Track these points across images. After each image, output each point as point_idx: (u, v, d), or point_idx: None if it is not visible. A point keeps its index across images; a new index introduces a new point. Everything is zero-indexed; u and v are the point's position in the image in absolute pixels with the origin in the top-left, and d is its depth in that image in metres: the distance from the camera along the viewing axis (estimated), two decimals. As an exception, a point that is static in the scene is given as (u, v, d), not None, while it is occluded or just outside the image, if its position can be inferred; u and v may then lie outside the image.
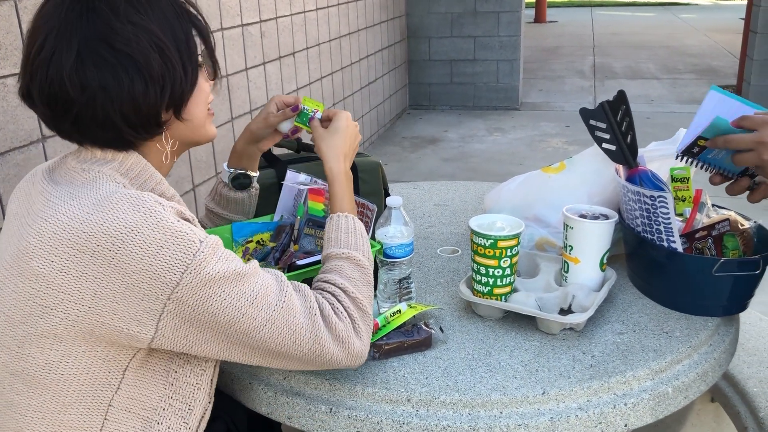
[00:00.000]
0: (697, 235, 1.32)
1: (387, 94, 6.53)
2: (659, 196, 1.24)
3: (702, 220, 1.36)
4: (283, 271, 1.25)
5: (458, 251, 1.61)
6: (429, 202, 1.96)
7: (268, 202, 1.46)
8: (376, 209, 1.26)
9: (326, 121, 1.31)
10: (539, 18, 15.70)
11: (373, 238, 1.28)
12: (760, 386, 1.63)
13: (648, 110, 6.97)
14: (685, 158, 1.28)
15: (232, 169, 1.41)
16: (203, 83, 1.08)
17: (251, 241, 1.37)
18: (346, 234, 1.14)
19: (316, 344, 1.00)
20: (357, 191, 1.51)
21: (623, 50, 11.22)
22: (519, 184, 1.63)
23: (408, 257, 1.26)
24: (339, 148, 1.24)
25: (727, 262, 1.22)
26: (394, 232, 1.25)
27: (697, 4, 20.23)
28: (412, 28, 7.08)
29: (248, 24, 3.69)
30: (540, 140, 6.07)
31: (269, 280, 0.99)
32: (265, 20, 3.89)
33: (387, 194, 1.63)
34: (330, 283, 1.07)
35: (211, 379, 1.06)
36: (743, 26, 7.40)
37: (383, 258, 1.26)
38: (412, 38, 7.12)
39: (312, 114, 1.32)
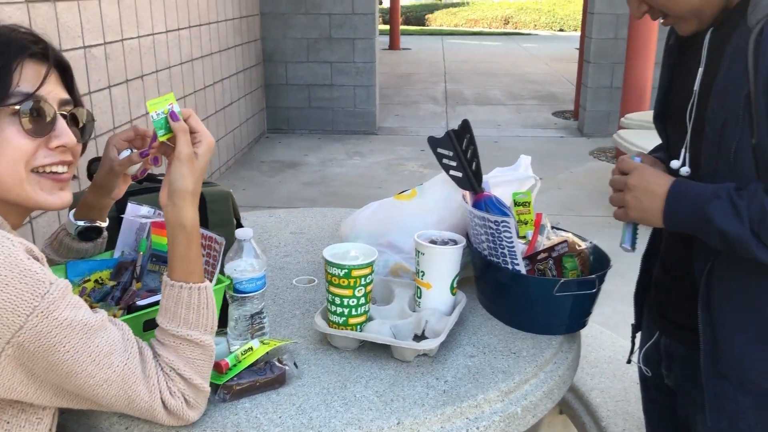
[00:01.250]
0: (538, 257, 1.38)
1: (243, 118, 6.43)
2: (502, 221, 1.29)
3: (543, 242, 1.43)
4: (123, 312, 1.16)
5: (315, 281, 1.58)
6: (285, 230, 1.92)
7: (107, 237, 1.36)
8: (224, 242, 1.21)
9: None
10: (393, 45, 16.18)
11: (222, 272, 1.23)
12: (601, 396, 1.73)
13: (496, 135, 7.35)
14: None
15: (80, 222, 1.28)
16: (11, 135, 0.94)
17: (89, 280, 1.27)
18: (188, 310, 1.02)
19: (148, 412, 0.98)
20: (206, 223, 1.45)
21: (472, 77, 11.80)
22: (373, 212, 1.64)
23: (260, 291, 1.22)
24: (197, 184, 1.03)
25: (567, 282, 1.28)
26: (245, 266, 1.20)
27: (537, 35, 21.76)
28: (268, 52, 7.04)
29: (91, 46, 3.49)
30: (397, 164, 6.22)
31: (115, 337, 0.94)
32: (110, 42, 3.70)
33: (239, 224, 1.58)
34: (166, 363, 1.00)
35: (50, 429, 0.98)
36: (578, 56, 8.04)
37: (233, 294, 1.21)
38: (269, 62, 7.08)
39: (169, 109, 1.03)
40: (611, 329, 2.18)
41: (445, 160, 1.46)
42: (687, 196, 1.10)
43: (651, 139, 1.41)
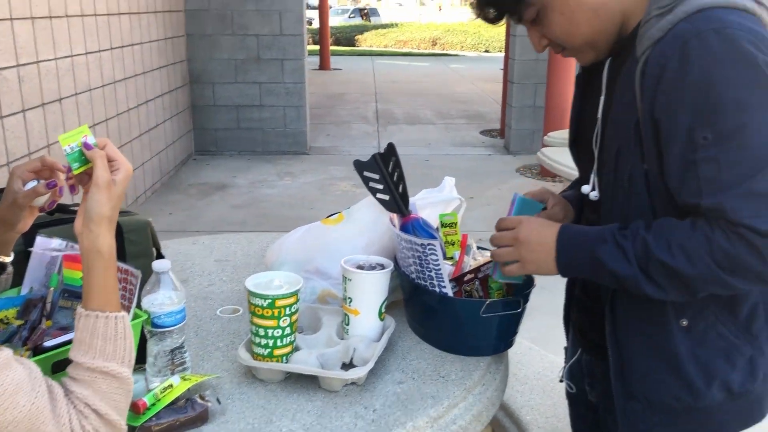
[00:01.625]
0: (465, 278, 1.38)
1: (170, 141, 6.28)
2: (429, 244, 1.28)
3: (469, 262, 1.44)
4: (30, 354, 1.09)
5: (240, 310, 1.54)
6: (209, 258, 1.87)
7: (14, 272, 1.28)
8: (141, 275, 1.16)
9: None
10: (324, 65, 16.20)
11: (139, 306, 1.18)
12: (532, 414, 1.74)
13: (426, 153, 7.43)
14: None
15: None
16: None
17: (-6, 319, 1.19)
18: (104, 341, 0.96)
19: None
20: (123, 254, 1.39)
21: (402, 97, 11.92)
22: (299, 237, 1.61)
23: (180, 325, 1.17)
24: (114, 211, 1.01)
25: (493, 303, 1.29)
26: (163, 299, 1.16)
27: (464, 55, 22.21)
28: (194, 74, 6.92)
29: (2, 68, 3.35)
30: (329, 184, 6.20)
31: (21, 376, 0.87)
32: (24, 64, 3.56)
33: (160, 254, 1.52)
34: (79, 399, 0.94)
35: None
36: (503, 76, 8.23)
37: (151, 328, 1.16)
38: (196, 83, 6.95)
39: (83, 141, 0.99)
40: (540, 343, 2.21)
41: (371, 184, 1.45)
42: (574, 243, 1.13)
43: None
